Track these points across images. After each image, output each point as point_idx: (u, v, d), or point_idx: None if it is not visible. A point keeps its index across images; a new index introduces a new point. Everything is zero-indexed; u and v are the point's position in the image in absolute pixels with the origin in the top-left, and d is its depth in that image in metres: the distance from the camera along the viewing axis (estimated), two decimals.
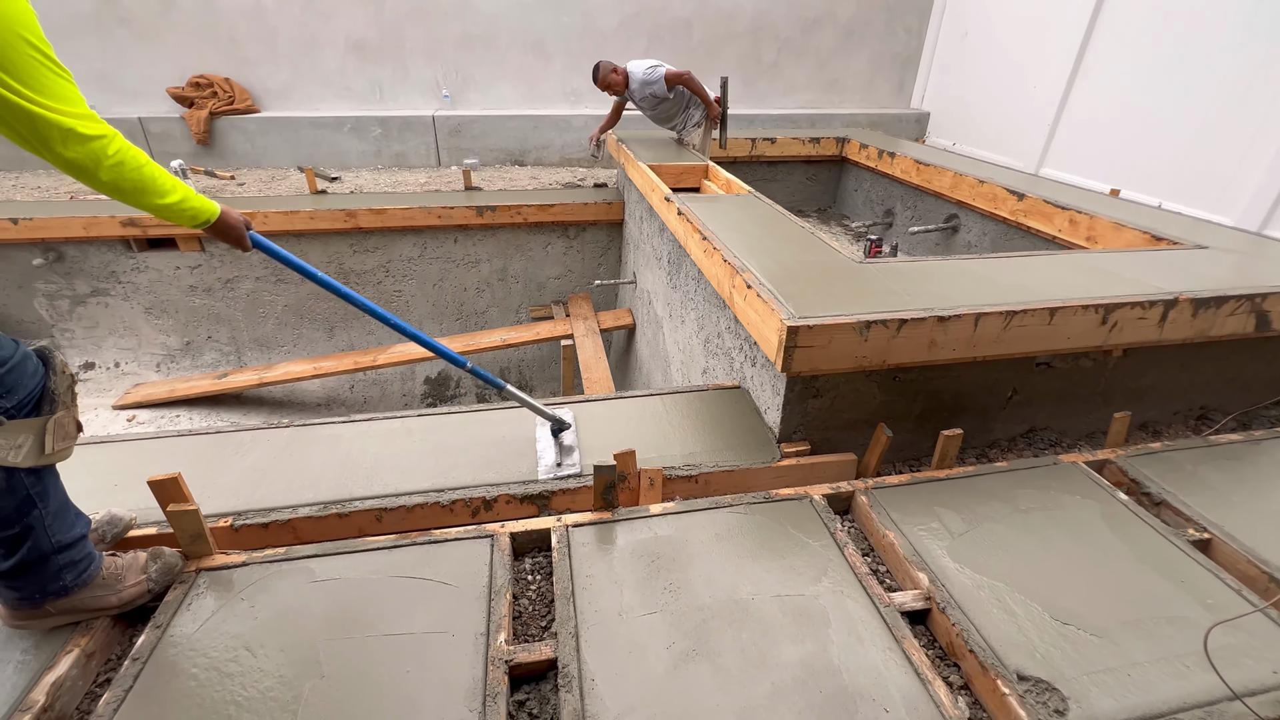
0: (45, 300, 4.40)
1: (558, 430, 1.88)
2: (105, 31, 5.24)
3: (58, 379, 1.13)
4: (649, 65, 4.16)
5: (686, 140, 4.39)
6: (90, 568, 1.27)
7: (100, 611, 1.30)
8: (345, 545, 1.51)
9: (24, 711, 1.14)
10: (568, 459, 1.82)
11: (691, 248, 2.53)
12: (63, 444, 1.14)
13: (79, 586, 1.25)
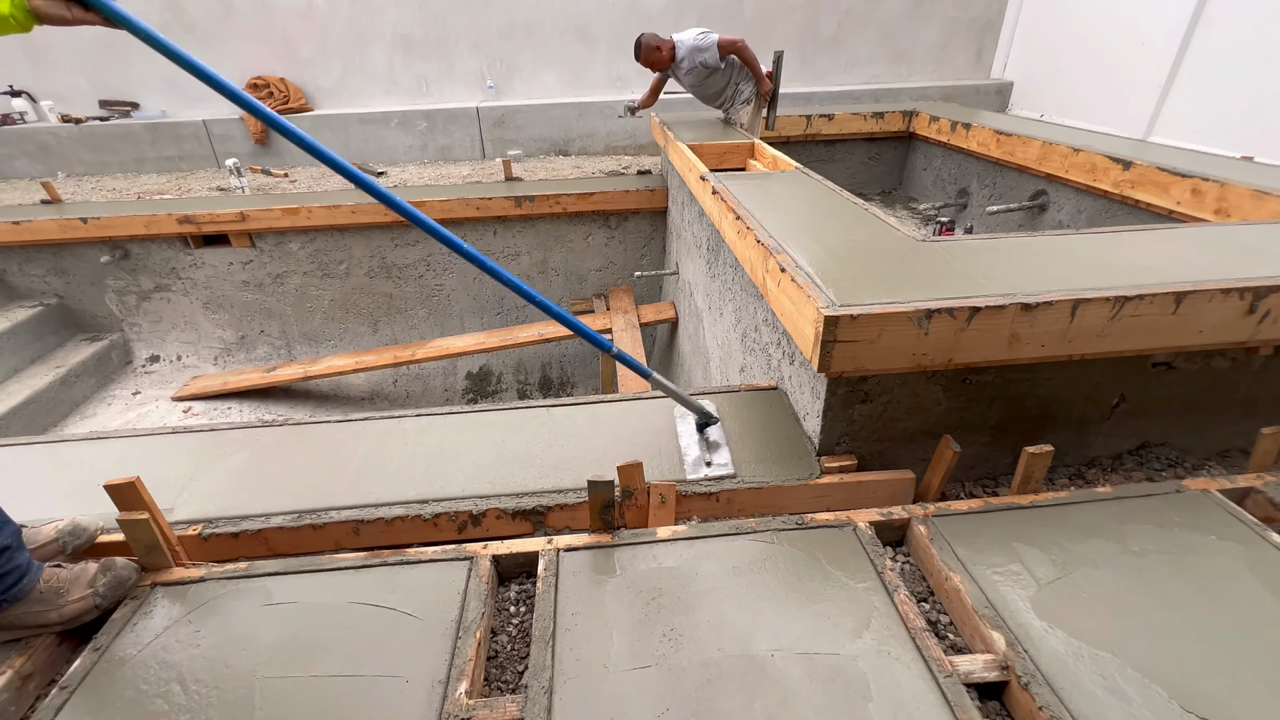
0: (115, 296, 4.62)
1: (704, 424, 1.68)
2: (173, 38, 5.38)
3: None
4: (699, 31, 3.84)
5: (734, 119, 4.07)
6: (22, 581, 1.15)
7: (40, 628, 1.19)
8: (310, 563, 1.34)
9: None
10: (717, 456, 1.60)
11: (726, 230, 2.25)
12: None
13: (9, 601, 1.14)
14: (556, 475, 1.59)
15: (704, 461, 1.60)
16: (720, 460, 1.60)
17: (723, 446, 1.65)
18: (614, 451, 1.67)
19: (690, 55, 3.85)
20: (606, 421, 1.80)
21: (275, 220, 4.34)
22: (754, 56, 3.82)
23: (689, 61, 3.87)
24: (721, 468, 1.58)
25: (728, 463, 1.59)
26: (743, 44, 3.76)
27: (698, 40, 3.81)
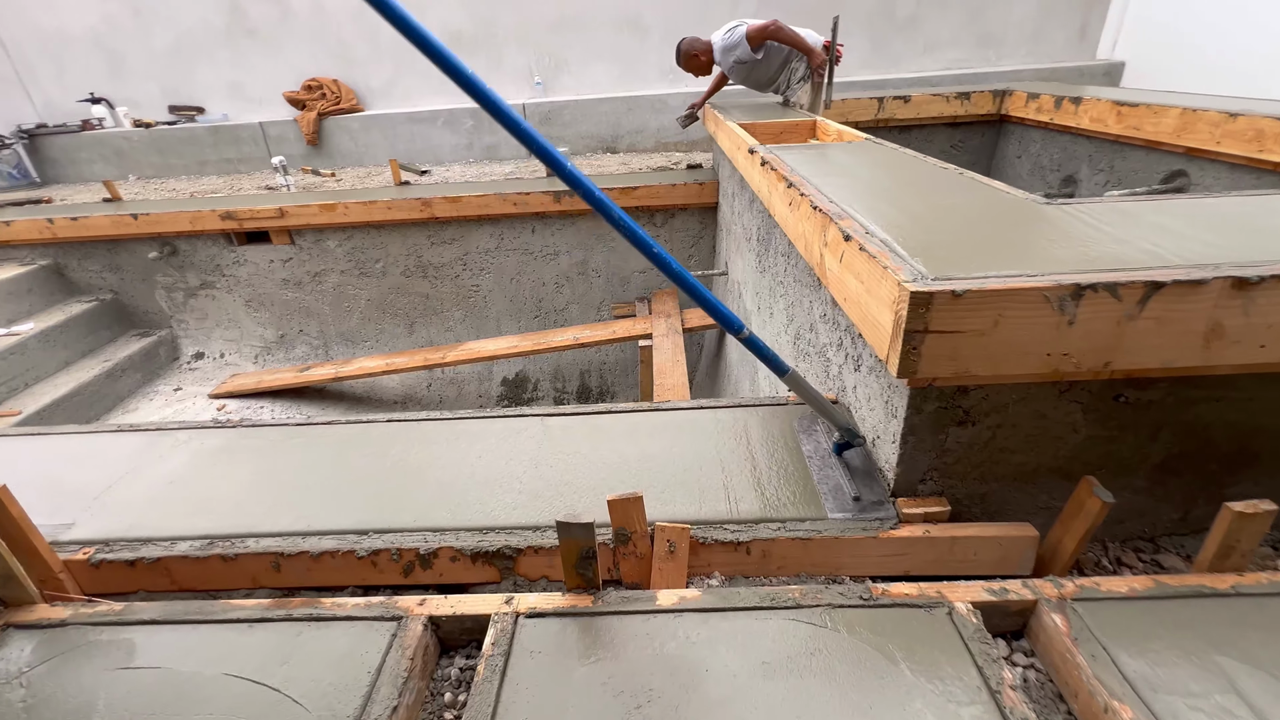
0: (164, 292, 4.66)
1: (845, 444, 1.26)
2: (235, 43, 5.58)
3: None
4: (727, 28, 3.50)
5: (794, 100, 3.63)
6: None
7: None
8: (200, 610, 1.02)
9: None
10: (867, 489, 1.19)
11: (775, 206, 1.83)
12: None
13: None
14: (537, 506, 1.22)
15: (850, 495, 1.17)
16: (872, 494, 1.17)
17: (875, 477, 1.22)
18: (620, 477, 1.28)
19: (723, 56, 3.51)
20: (616, 438, 1.41)
21: (313, 217, 4.24)
22: (794, 34, 3.39)
23: (725, 61, 3.55)
24: (876, 508, 1.15)
25: (884, 498, 1.16)
26: (775, 26, 3.36)
27: (725, 39, 3.47)
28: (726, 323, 1.10)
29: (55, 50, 5.67)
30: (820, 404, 1.21)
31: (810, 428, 1.40)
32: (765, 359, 1.15)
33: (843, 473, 1.24)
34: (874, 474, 1.23)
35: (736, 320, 1.10)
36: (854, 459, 1.27)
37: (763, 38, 3.41)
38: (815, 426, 1.40)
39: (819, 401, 1.20)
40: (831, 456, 1.29)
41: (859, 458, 1.27)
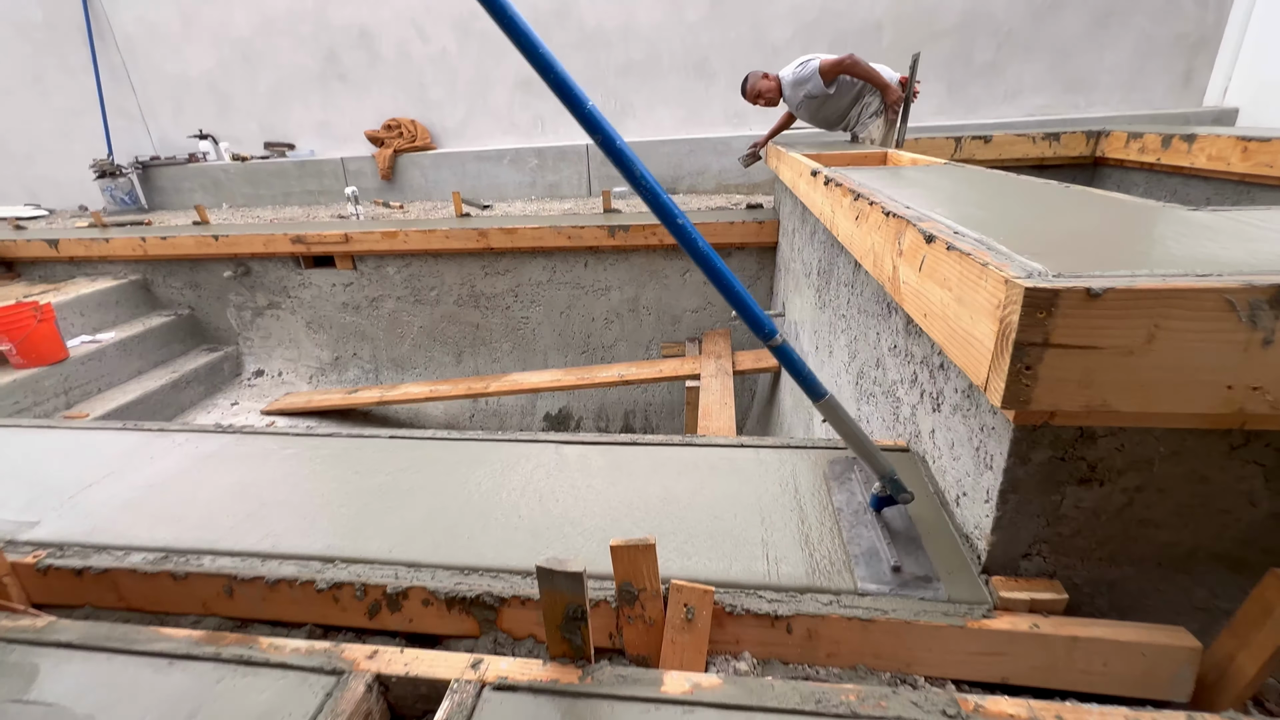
0: (235, 311, 4.87)
1: (886, 499, 1.02)
2: (327, 86, 6.01)
3: None
4: (799, 62, 3.41)
5: (863, 136, 3.45)
6: None
7: None
8: (123, 636, 0.87)
9: None
10: (911, 558, 0.94)
11: (839, 224, 1.62)
12: None
13: None
14: (534, 546, 1.01)
15: (889, 563, 0.93)
16: (915, 567, 0.92)
17: (920, 543, 0.97)
18: (635, 519, 1.06)
19: (793, 91, 3.42)
20: (638, 474, 1.20)
21: (376, 243, 4.35)
22: (870, 68, 3.25)
23: (794, 97, 3.45)
24: (920, 584, 0.89)
25: (930, 573, 0.91)
26: (850, 60, 3.24)
27: (797, 73, 3.38)
28: (755, 321, 0.91)
29: (175, 91, 6.28)
30: (860, 441, 0.96)
31: (844, 475, 1.15)
32: (799, 375, 0.94)
33: (879, 534, 0.99)
34: (917, 540, 0.96)
35: (768, 323, 0.90)
36: (895, 519, 1.02)
37: (837, 71, 3.29)
38: (850, 474, 1.15)
39: (858, 438, 0.96)
40: (867, 513, 1.03)
41: (901, 518, 1.02)
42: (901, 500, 0.99)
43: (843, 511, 1.05)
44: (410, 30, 5.68)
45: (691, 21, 5.27)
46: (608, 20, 5.38)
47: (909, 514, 1.02)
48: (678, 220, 0.88)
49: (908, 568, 0.91)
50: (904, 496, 0.99)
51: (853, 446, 0.97)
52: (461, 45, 5.66)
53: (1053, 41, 4.91)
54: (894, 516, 1.03)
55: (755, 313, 0.91)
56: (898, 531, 0.99)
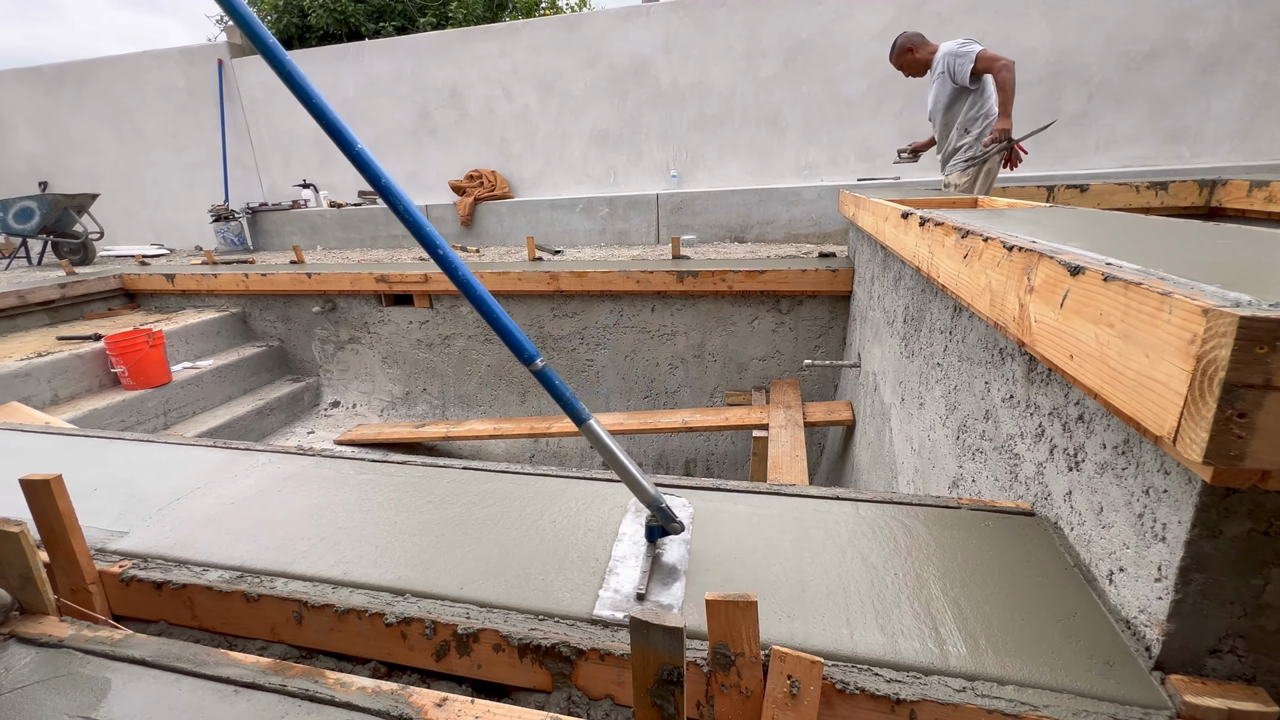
0: (319, 344, 5.15)
1: (659, 531, 1.02)
2: (418, 141, 6.48)
3: None
4: (964, 39, 3.24)
5: (947, 180, 3.32)
6: None
7: None
8: (192, 657, 0.84)
9: None
10: (664, 588, 0.94)
11: (940, 265, 1.51)
12: None
13: None
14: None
15: (637, 590, 0.93)
16: (668, 595, 0.93)
17: (681, 576, 0.97)
18: (728, 571, 0.96)
19: (946, 59, 3.21)
20: (723, 520, 1.11)
21: (451, 284, 4.52)
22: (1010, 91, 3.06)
23: (941, 65, 3.25)
24: (667, 607, 0.91)
25: (678, 602, 0.92)
26: (1004, 65, 3.03)
27: (959, 47, 3.17)
28: (517, 345, 1.01)
29: (286, 146, 6.93)
30: (624, 468, 0.99)
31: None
32: (562, 399, 1.03)
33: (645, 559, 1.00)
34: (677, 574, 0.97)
35: (529, 347, 1.01)
36: (667, 550, 1.03)
37: (990, 68, 3.07)
38: None
39: (621, 464, 1.00)
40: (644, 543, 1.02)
41: (674, 551, 1.03)
42: (672, 530, 1.01)
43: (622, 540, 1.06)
44: (497, 90, 6.08)
45: (764, 78, 5.38)
46: (682, 78, 5.58)
47: (686, 550, 1.03)
48: (439, 250, 0.98)
49: (654, 595, 0.92)
50: (674, 526, 1.01)
51: (617, 472, 1.00)
52: (543, 103, 5.99)
53: (1151, 91, 4.67)
54: (668, 547, 1.03)
55: (517, 337, 1.01)
56: (666, 566, 0.99)
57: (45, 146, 7.55)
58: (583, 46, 5.76)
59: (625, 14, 5.55)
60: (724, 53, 5.41)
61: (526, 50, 5.92)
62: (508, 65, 6.00)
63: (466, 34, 6.09)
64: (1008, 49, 4.83)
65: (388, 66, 6.30)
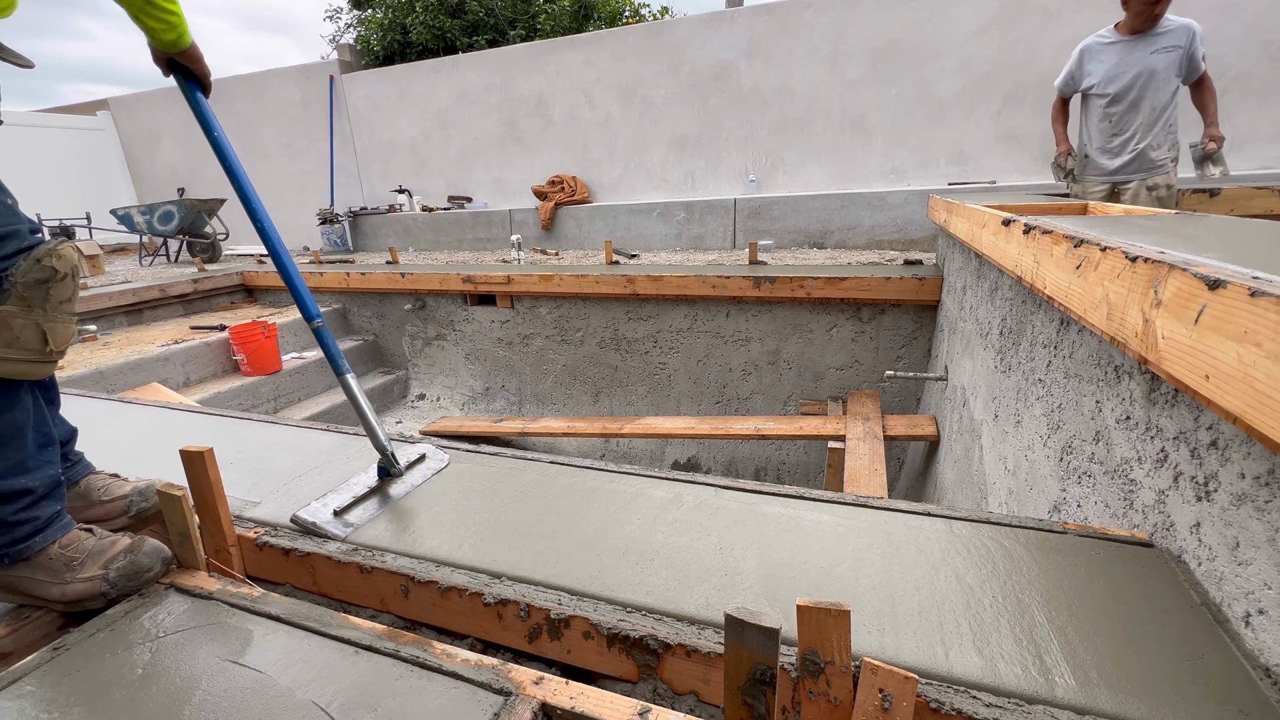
0: (409, 339, 5.49)
1: (384, 472, 1.31)
2: (505, 148, 6.77)
3: (26, 265, 0.86)
4: None
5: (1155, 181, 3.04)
6: (32, 539, 0.96)
7: (41, 602, 0.97)
8: (318, 618, 0.93)
9: None
10: (356, 512, 1.20)
11: (1047, 274, 1.43)
12: (2, 351, 0.85)
13: (9, 559, 0.94)
14: (698, 594, 0.95)
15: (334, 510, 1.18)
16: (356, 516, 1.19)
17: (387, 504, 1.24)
18: (814, 580, 0.96)
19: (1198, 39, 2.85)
20: (809, 529, 1.10)
21: (533, 285, 4.70)
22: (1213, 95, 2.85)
23: (1186, 42, 2.85)
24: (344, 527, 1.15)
25: (359, 524, 1.17)
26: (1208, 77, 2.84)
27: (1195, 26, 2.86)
28: (303, 303, 1.32)
29: (385, 154, 7.43)
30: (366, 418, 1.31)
31: None
32: (328, 352, 1.34)
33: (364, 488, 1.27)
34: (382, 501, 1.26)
35: (314, 307, 1.31)
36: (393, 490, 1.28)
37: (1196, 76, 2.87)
38: None
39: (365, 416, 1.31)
40: None
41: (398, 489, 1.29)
42: (394, 474, 1.29)
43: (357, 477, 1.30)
44: (580, 98, 6.26)
45: (851, 79, 5.23)
46: (764, 82, 5.52)
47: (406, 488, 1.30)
48: None
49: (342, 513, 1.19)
50: (395, 470, 1.29)
51: (360, 419, 1.31)
52: (624, 110, 6.11)
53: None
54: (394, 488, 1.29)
55: (304, 296, 1.32)
56: (386, 496, 1.27)
57: (183, 156, 8.47)
58: (665, 53, 5.83)
59: (709, 20, 5.57)
60: (808, 55, 5.31)
61: (610, 59, 6.06)
62: (591, 74, 6.17)
63: (554, 45, 6.31)
64: None
65: (479, 78, 6.63)
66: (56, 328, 0.92)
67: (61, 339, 0.94)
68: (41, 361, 0.92)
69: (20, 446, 0.93)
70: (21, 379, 0.91)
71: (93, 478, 1.18)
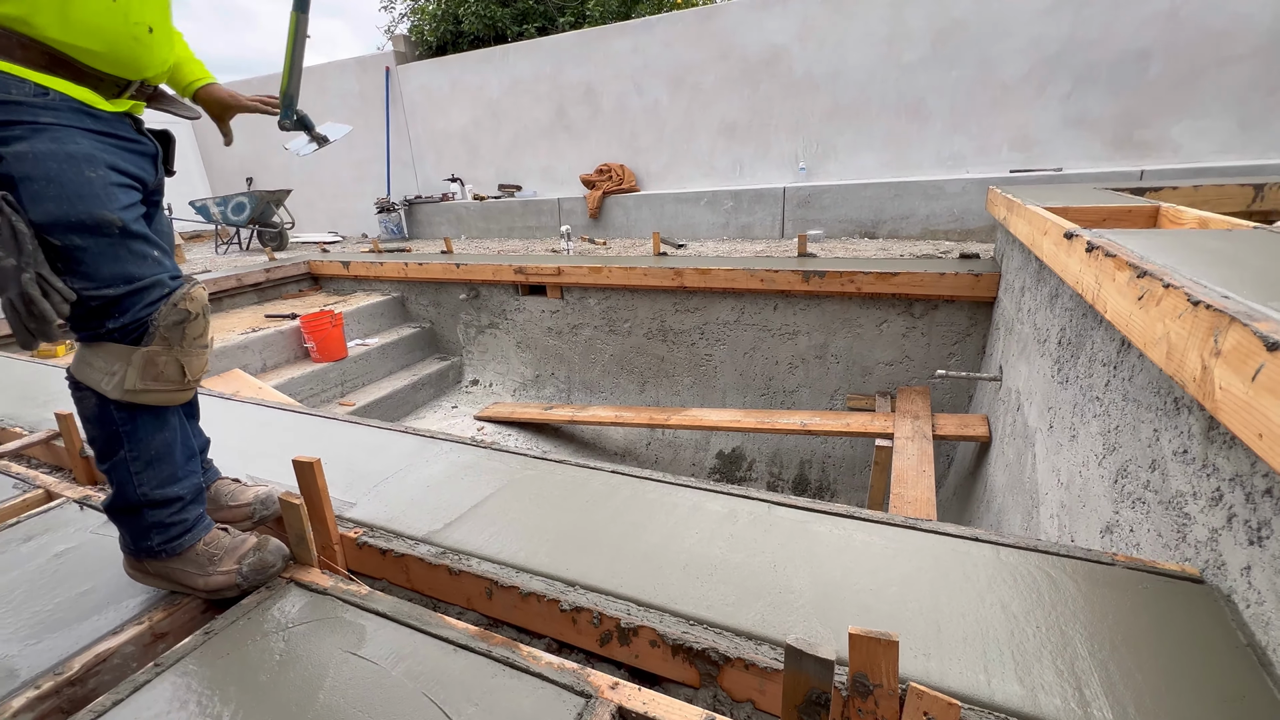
0: (463, 327, 5.71)
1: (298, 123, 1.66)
2: (553, 137, 6.85)
3: (165, 310, 1.00)
4: None
5: None
6: (183, 537, 1.12)
7: (189, 590, 1.15)
8: (420, 617, 1.06)
9: (55, 675, 1.00)
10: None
11: (1107, 298, 1.42)
12: (151, 385, 1.00)
13: (166, 554, 1.11)
14: (753, 610, 1.04)
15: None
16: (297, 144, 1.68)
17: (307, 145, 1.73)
18: (863, 603, 1.04)
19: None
20: (858, 551, 1.17)
21: (583, 277, 4.81)
22: None
23: None
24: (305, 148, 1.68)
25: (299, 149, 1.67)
26: None
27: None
28: None
29: (438, 143, 7.63)
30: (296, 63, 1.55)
31: None
32: None
33: None
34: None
35: None
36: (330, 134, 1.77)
37: None
38: None
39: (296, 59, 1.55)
40: None
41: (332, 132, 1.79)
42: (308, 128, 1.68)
43: None
44: (629, 85, 6.26)
45: (908, 62, 5.06)
46: (816, 67, 5.40)
47: None
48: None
49: None
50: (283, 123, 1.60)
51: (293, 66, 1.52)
52: (672, 97, 6.08)
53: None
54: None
55: None
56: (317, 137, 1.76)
57: (251, 148, 8.91)
58: (715, 39, 5.75)
59: (761, 3, 5.45)
60: (864, 38, 5.16)
61: (659, 45, 6.02)
62: (640, 60, 6.15)
63: (603, 32, 6.31)
64: (1218, 18, 4.15)
65: (529, 67, 6.70)
66: (192, 360, 1.07)
67: (197, 369, 1.08)
68: (183, 390, 1.07)
69: (170, 461, 1.09)
70: (168, 405, 1.07)
71: (221, 483, 1.35)
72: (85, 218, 0.91)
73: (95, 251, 0.92)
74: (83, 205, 0.91)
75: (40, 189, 0.87)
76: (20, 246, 0.84)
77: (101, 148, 0.95)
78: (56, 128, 0.89)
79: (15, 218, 0.84)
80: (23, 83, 0.87)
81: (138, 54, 0.99)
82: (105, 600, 1.18)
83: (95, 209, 0.92)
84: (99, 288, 0.94)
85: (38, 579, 1.25)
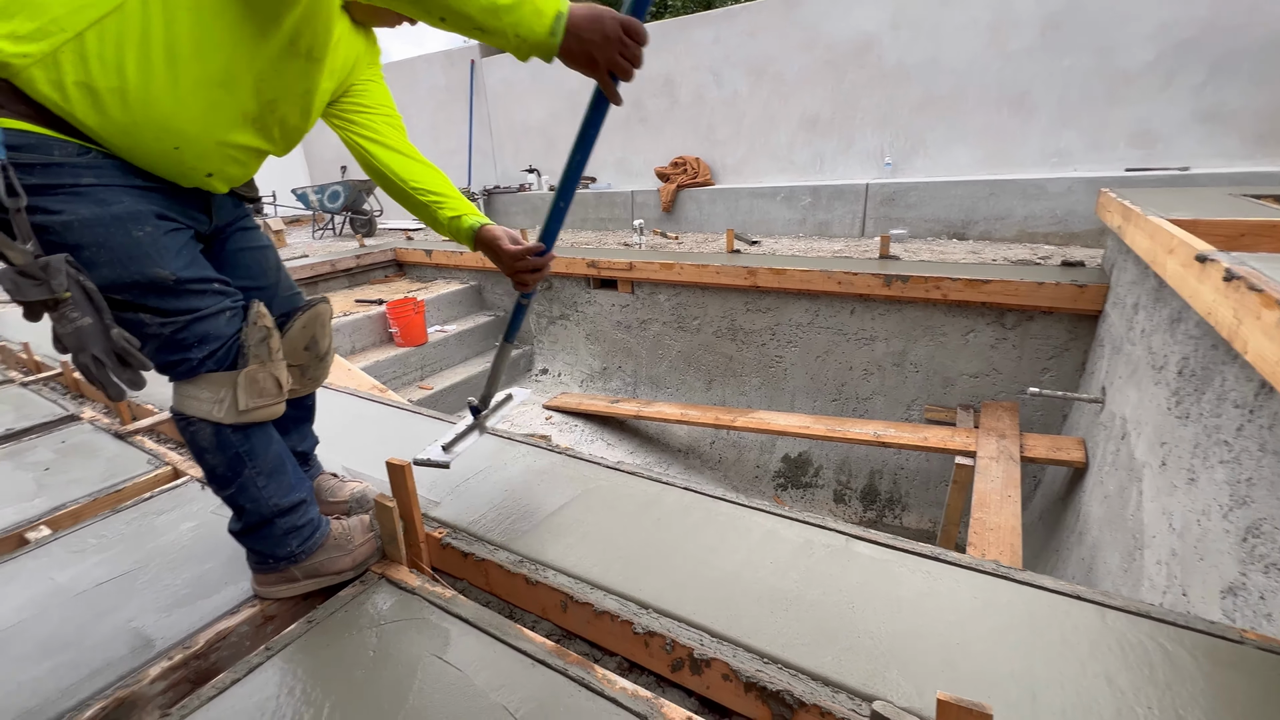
0: (535, 317, 5.85)
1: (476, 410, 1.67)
2: (629, 128, 6.85)
3: (249, 330, 1.06)
4: None
5: None
6: (316, 534, 1.22)
7: (336, 575, 1.24)
8: (500, 627, 1.11)
9: (184, 648, 1.11)
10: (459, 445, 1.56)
11: (1248, 337, 1.27)
12: (257, 401, 1.07)
13: (307, 552, 1.21)
14: (830, 653, 1.01)
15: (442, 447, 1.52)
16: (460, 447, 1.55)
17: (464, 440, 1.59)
18: (948, 659, 0.99)
19: None
20: (943, 599, 1.12)
21: (654, 273, 4.81)
22: None
23: None
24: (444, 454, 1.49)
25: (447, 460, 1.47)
26: None
27: None
28: None
29: (517, 135, 7.81)
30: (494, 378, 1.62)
31: None
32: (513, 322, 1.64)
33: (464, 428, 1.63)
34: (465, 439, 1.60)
35: None
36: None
37: None
38: None
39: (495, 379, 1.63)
40: None
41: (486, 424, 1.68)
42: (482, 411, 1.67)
43: None
44: (708, 76, 6.16)
45: (1013, 51, 4.69)
46: (909, 56, 5.10)
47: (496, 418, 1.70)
48: None
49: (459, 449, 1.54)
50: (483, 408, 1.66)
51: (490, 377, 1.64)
52: (752, 89, 5.93)
53: None
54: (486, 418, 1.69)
55: None
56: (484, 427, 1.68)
57: None
58: (800, 28, 5.55)
59: None
60: (965, 25, 4.82)
61: (741, 34, 5.87)
62: (720, 51, 6.02)
63: (684, 22, 6.22)
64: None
65: None
66: (281, 373, 1.13)
67: (286, 379, 1.15)
68: (281, 401, 1.15)
69: (285, 469, 1.18)
70: (271, 419, 1.14)
71: (322, 479, 1.46)
72: (139, 277, 0.93)
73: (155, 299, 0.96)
74: (135, 266, 0.92)
75: (92, 255, 0.88)
76: (96, 305, 0.87)
77: (146, 199, 0.94)
78: (98, 188, 0.88)
79: (83, 278, 0.86)
80: (65, 145, 0.85)
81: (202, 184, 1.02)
82: (222, 580, 1.30)
83: (147, 269, 0.93)
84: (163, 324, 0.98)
85: (170, 553, 1.40)
